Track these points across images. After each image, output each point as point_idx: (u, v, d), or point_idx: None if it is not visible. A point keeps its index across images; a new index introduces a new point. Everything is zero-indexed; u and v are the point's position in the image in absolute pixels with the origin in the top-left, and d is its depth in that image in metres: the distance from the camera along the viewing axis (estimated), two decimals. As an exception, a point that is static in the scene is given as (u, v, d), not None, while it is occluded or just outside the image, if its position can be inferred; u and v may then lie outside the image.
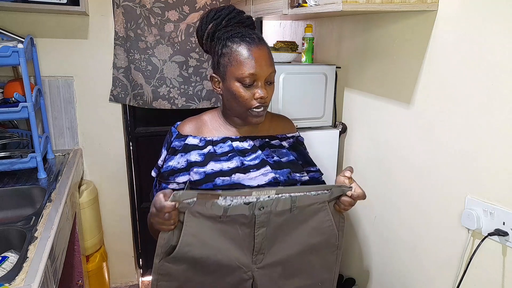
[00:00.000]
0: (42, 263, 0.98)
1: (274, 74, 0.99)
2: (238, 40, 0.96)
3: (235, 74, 0.95)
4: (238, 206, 0.89)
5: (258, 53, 0.95)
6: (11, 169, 1.57)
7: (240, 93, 0.96)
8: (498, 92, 1.00)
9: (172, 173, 1.02)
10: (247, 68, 0.94)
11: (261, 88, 0.96)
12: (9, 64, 1.45)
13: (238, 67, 0.95)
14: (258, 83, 0.96)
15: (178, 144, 1.04)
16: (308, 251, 0.99)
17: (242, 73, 0.94)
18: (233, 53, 0.96)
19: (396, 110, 1.39)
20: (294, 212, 0.94)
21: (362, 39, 1.56)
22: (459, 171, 1.14)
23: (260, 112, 0.98)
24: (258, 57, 0.94)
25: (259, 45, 0.96)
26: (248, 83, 0.95)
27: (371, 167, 1.56)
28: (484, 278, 1.08)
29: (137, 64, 2.02)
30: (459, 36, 1.10)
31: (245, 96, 0.96)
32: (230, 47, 0.96)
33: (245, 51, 0.95)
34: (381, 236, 1.54)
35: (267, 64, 0.96)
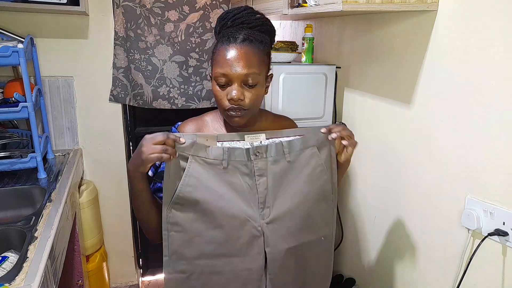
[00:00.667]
0: (42, 263, 0.98)
1: (255, 76, 0.94)
2: (224, 40, 0.95)
3: (213, 73, 0.96)
4: (236, 149, 0.93)
5: (236, 53, 0.92)
6: (11, 169, 1.57)
7: (216, 92, 0.96)
8: (498, 92, 1.00)
9: None
10: (220, 67, 0.94)
11: (235, 89, 0.93)
12: (9, 64, 1.45)
13: (215, 66, 0.95)
14: (233, 84, 0.94)
15: None
16: (307, 202, 0.99)
17: (216, 71, 0.95)
18: (216, 52, 0.96)
19: (396, 110, 1.39)
20: (288, 160, 0.97)
21: (362, 39, 1.56)
22: (459, 171, 1.14)
23: (237, 114, 0.96)
24: (233, 58, 0.92)
25: (241, 45, 0.93)
26: (222, 83, 0.95)
27: (371, 167, 1.57)
28: (484, 278, 1.08)
29: (137, 64, 2.02)
30: (459, 36, 1.10)
31: (219, 96, 0.96)
32: (217, 47, 0.97)
33: (223, 50, 0.94)
34: (381, 236, 1.54)
35: (242, 65, 0.92)
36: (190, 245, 0.93)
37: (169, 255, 0.94)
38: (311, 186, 0.99)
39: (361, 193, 1.66)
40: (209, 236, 0.93)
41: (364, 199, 1.64)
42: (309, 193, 0.99)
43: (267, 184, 0.95)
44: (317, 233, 1.02)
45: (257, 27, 1.00)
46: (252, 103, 0.96)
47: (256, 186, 0.95)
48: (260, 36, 0.98)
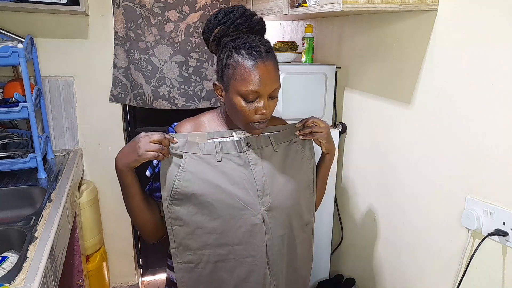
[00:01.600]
0: (42, 263, 0.98)
1: (278, 89, 0.97)
2: (244, 53, 0.91)
3: (238, 89, 0.91)
4: (227, 143, 0.98)
5: (264, 70, 0.91)
6: (11, 169, 1.57)
7: (242, 107, 0.93)
8: (498, 92, 1.00)
9: None
10: (251, 85, 0.90)
11: (264, 104, 0.93)
12: (9, 64, 1.46)
13: (241, 82, 0.90)
14: (261, 99, 0.93)
15: None
16: (296, 190, 1.03)
17: (245, 89, 0.90)
18: (238, 67, 0.91)
19: (396, 110, 1.39)
20: (276, 151, 1.03)
21: (362, 39, 1.56)
22: (459, 171, 1.14)
23: (261, 125, 0.97)
24: (263, 74, 0.91)
25: (266, 60, 0.92)
26: (250, 100, 0.93)
27: (371, 167, 1.57)
28: (484, 278, 1.08)
29: (137, 64, 2.02)
30: (459, 36, 1.10)
31: (247, 111, 0.93)
32: (236, 59, 0.91)
33: (250, 67, 0.90)
34: (381, 236, 1.54)
35: (271, 81, 0.93)
36: (193, 237, 0.96)
37: (175, 247, 0.97)
38: (298, 175, 1.04)
39: (361, 193, 1.66)
40: (210, 227, 0.96)
41: (364, 199, 1.64)
42: (297, 182, 1.04)
43: (263, 172, 0.98)
44: (303, 219, 1.07)
45: (260, 30, 0.99)
46: (272, 112, 0.99)
47: (253, 175, 0.97)
48: (268, 42, 0.98)
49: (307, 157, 1.07)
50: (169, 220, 0.96)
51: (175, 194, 0.93)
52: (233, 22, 0.95)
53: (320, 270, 1.80)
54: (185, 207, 0.95)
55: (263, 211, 0.97)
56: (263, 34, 1.02)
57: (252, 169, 0.98)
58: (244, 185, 0.96)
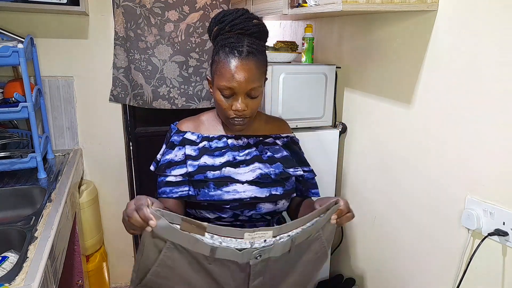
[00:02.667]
0: (42, 263, 0.98)
1: (257, 89, 1.00)
2: (227, 51, 0.97)
3: (217, 84, 1.00)
4: (228, 250, 0.77)
5: (240, 68, 0.96)
6: (11, 169, 1.57)
7: (220, 101, 1.00)
8: (498, 92, 1.00)
9: (169, 165, 1.06)
10: (226, 81, 0.97)
11: (240, 101, 0.98)
12: (9, 64, 1.45)
13: (220, 77, 0.98)
14: (238, 96, 0.98)
15: (176, 138, 1.09)
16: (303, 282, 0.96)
17: (221, 84, 0.98)
18: (219, 63, 0.99)
19: (396, 110, 1.39)
20: (291, 253, 0.84)
21: (362, 39, 1.56)
22: (459, 171, 1.14)
23: (240, 122, 1.02)
24: (239, 72, 0.96)
25: (246, 60, 0.96)
26: (226, 95, 0.99)
27: (371, 167, 1.56)
28: (484, 278, 1.08)
29: (137, 64, 2.02)
30: (459, 36, 1.10)
31: (223, 106, 1.00)
32: (219, 56, 0.99)
33: (228, 64, 0.96)
34: (381, 236, 1.54)
35: (248, 80, 0.96)
36: None
37: None
38: (308, 267, 0.92)
39: (361, 193, 1.66)
40: None
41: (364, 199, 1.63)
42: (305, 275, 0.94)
43: (263, 282, 0.85)
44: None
45: (255, 33, 1.03)
46: (253, 111, 1.03)
47: (248, 286, 0.84)
48: (259, 45, 1.02)
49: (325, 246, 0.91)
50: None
51: (145, 286, 0.79)
52: (229, 22, 1.00)
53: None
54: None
55: None
56: (262, 38, 1.05)
57: (250, 279, 0.83)
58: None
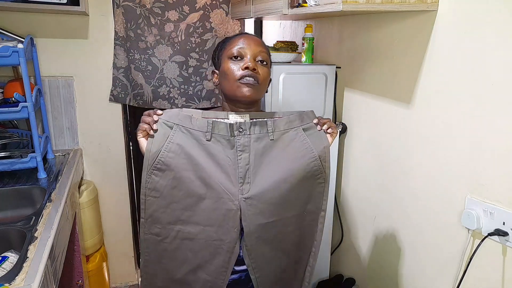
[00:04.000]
0: (42, 263, 0.98)
1: (265, 55, 1.05)
2: (232, 36, 1.09)
3: (227, 54, 1.04)
4: (220, 124, 0.98)
5: (247, 37, 1.06)
6: (11, 169, 1.57)
7: (230, 66, 1.03)
8: (498, 92, 1.00)
9: None
10: (235, 44, 1.04)
11: (250, 60, 1.02)
12: (9, 64, 1.45)
13: (229, 46, 1.05)
14: (247, 57, 1.02)
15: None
16: (289, 179, 1.02)
17: (231, 48, 1.03)
18: (227, 42, 1.08)
19: (396, 110, 1.39)
20: (271, 138, 1.02)
21: (362, 39, 1.56)
22: (459, 171, 1.14)
23: (250, 81, 1.01)
24: (247, 39, 1.05)
25: (252, 35, 1.08)
26: (236, 55, 1.03)
27: (371, 167, 1.56)
28: (484, 278, 1.08)
29: (137, 64, 2.02)
30: (459, 36, 1.10)
31: (231, 68, 1.02)
32: (225, 43, 1.09)
33: (237, 37, 1.07)
34: (381, 236, 1.54)
35: (256, 44, 1.04)
36: (166, 210, 0.98)
37: (145, 218, 1.00)
38: (294, 163, 1.02)
39: (361, 193, 1.66)
40: (186, 203, 0.98)
41: (364, 199, 1.64)
42: (292, 170, 1.02)
43: (249, 160, 1.00)
44: (300, 208, 1.06)
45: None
46: (263, 78, 1.04)
47: (237, 161, 0.99)
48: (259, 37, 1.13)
49: (310, 145, 1.04)
50: (145, 190, 0.97)
51: (158, 164, 0.95)
52: (230, 37, 1.10)
53: (320, 270, 1.80)
54: (165, 179, 0.96)
55: (241, 198, 0.98)
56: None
57: (238, 155, 0.99)
58: (227, 170, 0.98)
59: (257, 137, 1.01)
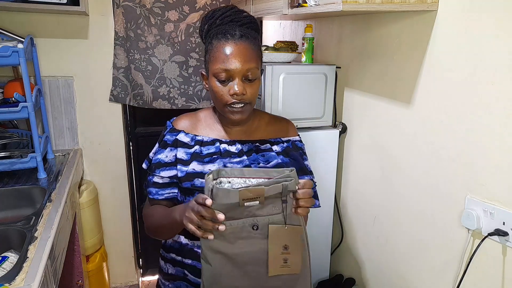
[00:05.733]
0: (42, 263, 0.98)
1: (254, 71, 0.96)
2: (220, 37, 0.96)
3: (212, 70, 0.96)
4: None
5: (235, 49, 0.94)
6: (11, 169, 1.57)
7: (217, 88, 0.96)
8: (498, 92, 1.00)
9: (158, 165, 1.03)
10: (221, 63, 0.94)
11: (237, 84, 0.95)
12: (9, 64, 1.45)
13: (214, 62, 0.95)
14: (235, 79, 0.95)
15: (169, 138, 1.05)
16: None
17: (216, 68, 0.94)
18: (212, 49, 0.96)
19: (396, 110, 1.39)
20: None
21: (362, 39, 1.56)
22: (459, 171, 1.14)
23: (239, 108, 0.97)
24: (233, 53, 0.94)
25: (239, 41, 0.95)
26: (222, 79, 0.95)
27: (371, 167, 1.56)
28: (484, 278, 1.08)
29: (137, 64, 2.02)
30: (459, 36, 1.10)
31: (220, 92, 0.96)
32: (212, 43, 0.97)
33: (222, 47, 0.94)
34: (381, 236, 1.54)
35: (243, 60, 0.94)
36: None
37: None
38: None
39: (361, 193, 1.66)
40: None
41: (364, 199, 1.63)
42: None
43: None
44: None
45: (246, 24, 1.02)
46: (253, 96, 0.98)
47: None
48: (252, 33, 1.00)
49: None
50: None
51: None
52: (219, 16, 0.99)
53: (320, 270, 1.80)
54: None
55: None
56: (253, 28, 1.02)
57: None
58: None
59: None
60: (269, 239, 0.82)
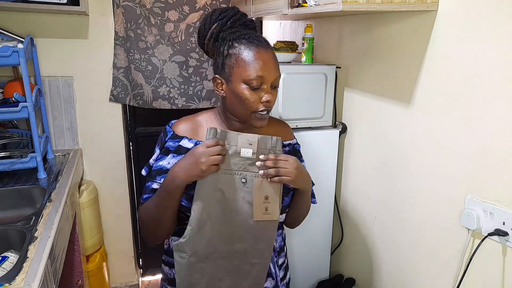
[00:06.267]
0: (42, 263, 0.98)
1: (278, 79, 0.98)
2: (246, 42, 0.94)
3: (242, 76, 0.92)
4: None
5: (266, 56, 0.94)
6: (11, 169, 1.57)
7: (246, 95, 0.93)
8: (498, 92, 1.00)
9: (159, 172, 1.00)
10: (255, 70, 0.91)
11: (267, 91, 0.94)
12: (9, 64, 1.45)
13: (245, 68, 0.92)
14: (265, 86, 0.94)
15: (172, 144, 1.01)
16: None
17: (250, 74, 0.92)
18: (240, 54, 0.93)
19: (396, 110, 1.39)
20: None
21: (362, 39, 1.56)
22: (459, 171, 1.14)
23: (265, 115, 0.97)
24: (266, 60, 0.93)
25: (267, 48, 0.95)
26: (255, 86, 0.93)
27: (371, 167, 1.57)
28: (484, 278, 1.08)
29: (137, 64, 2.02)
30: (459, 36, 1.10)
31: (251, 99, 0.94)
32: (238, 48, 0.93)
33: (253, 53, 0.92)
34: (381, 236, 1.54)
35: (274, 67, 0.95)
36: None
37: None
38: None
39: (361, 193, 1.66)
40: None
41: (364, 199, 1.64)
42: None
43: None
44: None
45: (254, 28, 1.03)
46: (274, 102, 0.99)
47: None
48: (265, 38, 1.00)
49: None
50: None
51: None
52: (230, 18, 0.98)
53: (320, 270, 1.80)
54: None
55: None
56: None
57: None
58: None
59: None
60: (254, 189, 0.96)
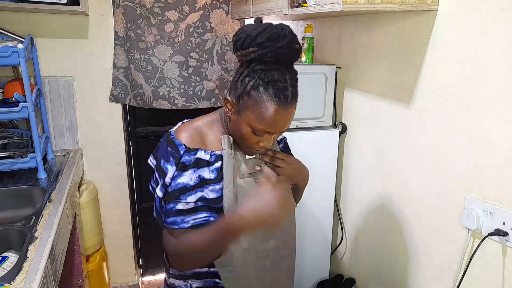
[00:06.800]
0: (42, 263, 0.98)
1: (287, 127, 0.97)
2: (272, 93, 0.86)
3: (251, 122, 0.89)
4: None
5: (283, 116, 0.89)
6: (11, 169, 1.57)
7: (248, 135, 0.92)
8: (498, 92, 1.00)
9: (183, 191, 0.92)
10: (266, 126, 0.89)
11: (268, 139, 0.94)
12: (9, 64, 1.46)
13: (257, 119, 0.88)
14: (270, 136, 0.93)
15: (188, 159, 0.94)
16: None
17: (258, 126, 0.89)
18: (259, 103, 0.87)
19: (396, 109, 1.39)
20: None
21: (362, 39, 1.56)
22: (459, 171, 1.14)
23: (257, 152, 1.00)
24: (280, 120, 0.89)
25: (289, 106, 0.89)
26: (259, 135, 0.92)
27: (371, 167, 1.57)
28: (484, 278, 1.08)
29: (137, 64, 2.02)
30: (459, 36, 1.10)
31: (250, 140, 0.93)
32: (261, 95, 0.87)
33: (273, 109, 0.87)
34: (381, 236, 1.54)
35: (285, 125, 0.92)
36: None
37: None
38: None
39: (361, 193, 1.66)
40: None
41: (364, 199, 1.64)
42: None
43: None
44: None
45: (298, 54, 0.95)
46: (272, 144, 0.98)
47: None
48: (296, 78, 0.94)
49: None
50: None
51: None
52: (274, 50, 0.87)
53: (320, 270, 1.80)
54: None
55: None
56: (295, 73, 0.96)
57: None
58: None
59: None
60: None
